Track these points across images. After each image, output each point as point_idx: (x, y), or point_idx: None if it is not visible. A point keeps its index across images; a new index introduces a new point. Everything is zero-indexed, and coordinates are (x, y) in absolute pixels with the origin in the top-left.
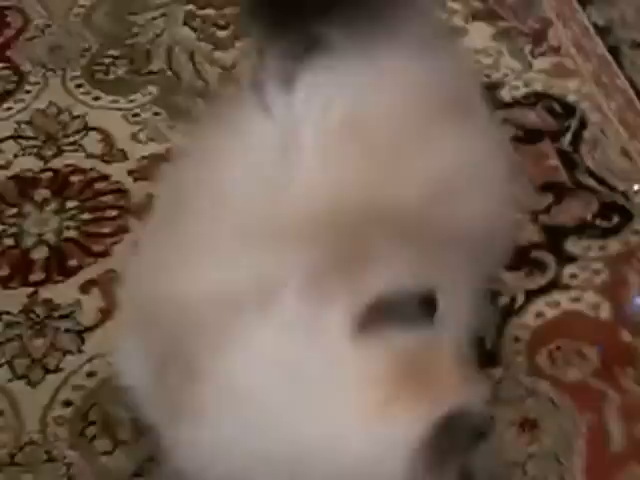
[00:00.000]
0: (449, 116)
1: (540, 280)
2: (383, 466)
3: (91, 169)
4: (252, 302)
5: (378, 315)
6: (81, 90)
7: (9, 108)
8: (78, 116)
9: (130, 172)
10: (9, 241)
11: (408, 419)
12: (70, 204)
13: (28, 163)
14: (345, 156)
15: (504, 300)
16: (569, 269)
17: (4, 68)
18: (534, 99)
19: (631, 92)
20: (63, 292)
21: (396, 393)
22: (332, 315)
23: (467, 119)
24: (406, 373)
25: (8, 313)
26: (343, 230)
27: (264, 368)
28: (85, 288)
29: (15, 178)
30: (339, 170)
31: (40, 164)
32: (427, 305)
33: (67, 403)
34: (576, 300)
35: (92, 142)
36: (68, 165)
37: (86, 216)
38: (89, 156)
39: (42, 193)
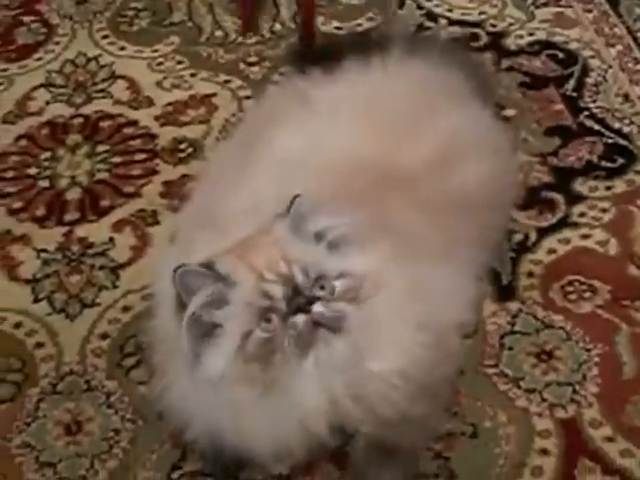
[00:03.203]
0: (446, 102)
1: (551, 218)
2: None
3: (119, 115)
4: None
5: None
6: (107, 41)
7: (39, 58)
8: (105, 65)
9: (157, 117)
10: (44, 183)
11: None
12: (101, 148)
13: (59, 110)
14: (365, 128)
15: (518, 237)
16: (578, 208)
17: (34, 21)
18: (538, 47)
19: (629, 39)
20: (97, 231)
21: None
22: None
23: (462, 106)
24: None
25: (45, 251)
26: (355, 186)
27: None
28: (117, 227)
29: (48, 124)
30: (362, 137)
31: (71, 110)
32: None
33: (104, 336)
34: (585, 237)
35: (119, 89)
36: (97, 111)
37: (116, 159)
38: (117, 103)
39: (74, 138)
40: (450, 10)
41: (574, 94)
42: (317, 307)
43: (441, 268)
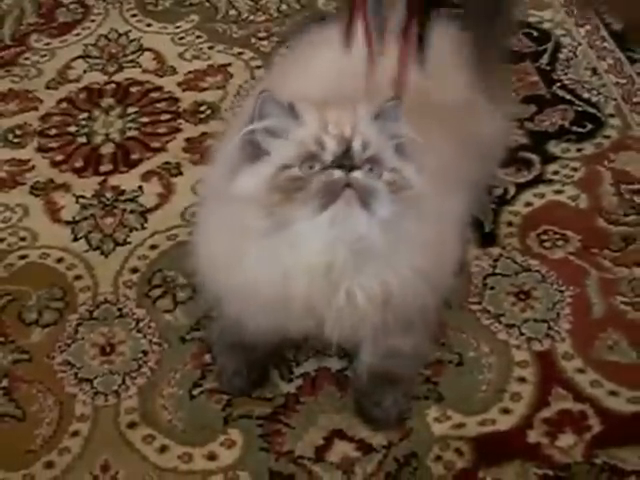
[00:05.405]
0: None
1: (527, 175)
2: None
3: (147, 82)
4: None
5: None
6: (136, 19)
7: (78, 34)
8: (134, 39)
9: (179, 84)
10: (82, 139)
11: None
12: (131, 110)
13: (95, 77)
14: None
15: (498, 191)
16: (552, 167)
17: (72, 2)
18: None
19: (597, 20)
20: (128, 180)
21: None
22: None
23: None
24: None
25: (83, 197)
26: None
27: None
28: (146, 177)
29: (85, 89)
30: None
31: (105, 78)
32: None
33: (134, 270)
34: (558, 192)
35: (147, 60)
36: (128, 79)
37: (144, 119)
38: (145, 71)
39: (108, 101)
40: None
41: (548, 68)
42: (357, 173)
43: (454, 202)
